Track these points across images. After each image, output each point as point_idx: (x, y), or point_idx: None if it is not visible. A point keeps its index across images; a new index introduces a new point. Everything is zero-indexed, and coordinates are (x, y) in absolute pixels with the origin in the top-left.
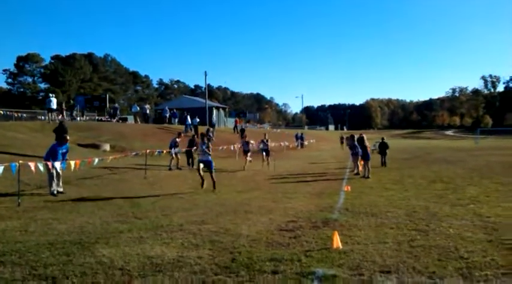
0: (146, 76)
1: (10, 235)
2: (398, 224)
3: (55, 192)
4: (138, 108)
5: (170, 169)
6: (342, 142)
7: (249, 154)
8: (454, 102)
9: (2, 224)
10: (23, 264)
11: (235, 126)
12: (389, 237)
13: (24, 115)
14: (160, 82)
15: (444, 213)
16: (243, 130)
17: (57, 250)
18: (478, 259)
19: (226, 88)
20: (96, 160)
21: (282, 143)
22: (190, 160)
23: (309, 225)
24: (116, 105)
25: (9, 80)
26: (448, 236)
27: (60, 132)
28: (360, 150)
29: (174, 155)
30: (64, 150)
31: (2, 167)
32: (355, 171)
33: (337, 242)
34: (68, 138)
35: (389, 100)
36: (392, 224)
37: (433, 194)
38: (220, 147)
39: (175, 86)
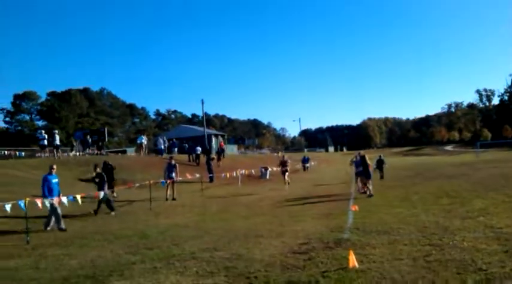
0: (143, 108)
1: (23, 273)
2: (412, 240)
3: (63, 227)
4: (144, 139)
5: (167, 199)
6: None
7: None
8: (451, 117)
9: (12, 262)
10: None
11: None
12: (404, 254)
13: (23, 153)
14: (158, 113)
15: (455, 226)
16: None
17: None
18: (496, 270)
19: (223, 116)
20: (102, 193)
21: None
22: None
23: (322, 246)
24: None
25: (7, 119)
26: (463, 249)
27: (109, 171)
28: (361, 168)
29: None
30: (56, 180)
31: (10, 205)
32: (362, 190)
33: (353, 261)
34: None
35: (387, 119)
36: (405, 240)
37: (441, 209)
38: (223, 174)
39: (173, 116)
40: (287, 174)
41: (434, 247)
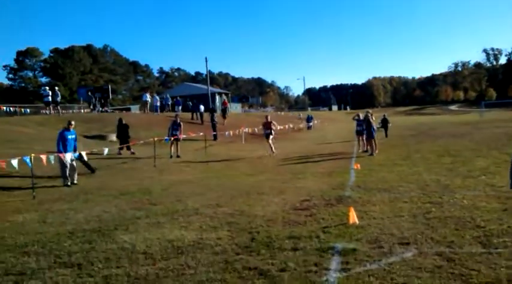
0: (146, 66)
1: (29, 227)
2: (412, 198)
3: (69, 183)
4: (148, 97)
5: (171, 156)
6: None
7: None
8: (456, 77)
9: (19, 217)
10: (47, 253)
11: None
12: (404, 211)
13: (28, 110)
14: (161, 71)
15: (456, 185)
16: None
17: (78, 238)
18: (495, 227)
19: (227, 74)
20: (106, 150)
21: (287, 125)
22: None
23: (323, 203)
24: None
25: (10, 76)
26: (462, 207)
27: (124, 128)
28: (362, 127)
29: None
30: (73, 136)
31: (16, 161)
32: (364, 149)
33: (353, 217)
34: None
35: (392, 78)
36: (405, 198)
37: (443, 167)
38: (227, 132)
39: (176, 74)
40: (271, 137)
41: (434, 204)
